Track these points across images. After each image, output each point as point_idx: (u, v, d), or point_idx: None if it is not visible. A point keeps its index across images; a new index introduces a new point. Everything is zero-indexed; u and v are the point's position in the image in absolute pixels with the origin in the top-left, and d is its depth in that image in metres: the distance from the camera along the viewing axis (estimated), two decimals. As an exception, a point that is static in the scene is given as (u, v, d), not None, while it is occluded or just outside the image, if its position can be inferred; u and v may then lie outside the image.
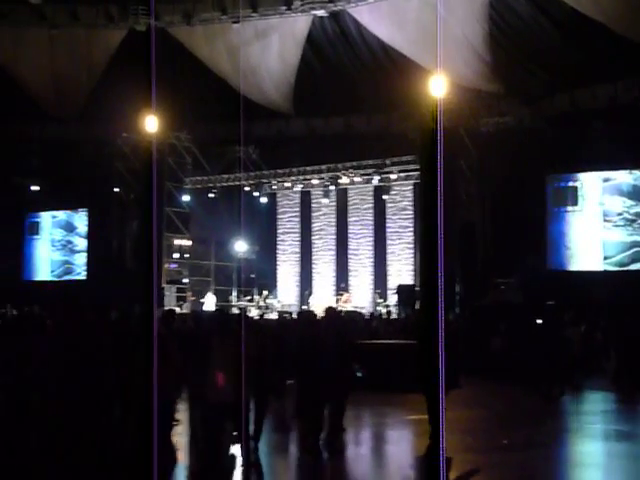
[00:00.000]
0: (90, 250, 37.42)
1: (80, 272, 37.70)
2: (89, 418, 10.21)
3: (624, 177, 28.35)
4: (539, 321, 22.07)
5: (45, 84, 32.72)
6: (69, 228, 38.87)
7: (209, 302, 35.36)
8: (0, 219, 35.67)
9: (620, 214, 28.15)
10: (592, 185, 28.90)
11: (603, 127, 27.59)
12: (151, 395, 6.69)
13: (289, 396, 13.24)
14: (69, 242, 38.80)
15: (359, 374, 13.85)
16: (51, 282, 37.74)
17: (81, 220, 38.23)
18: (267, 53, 31.27)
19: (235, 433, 10.43)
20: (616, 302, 24.12)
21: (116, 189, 36.34)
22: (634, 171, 28.06)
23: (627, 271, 27.39)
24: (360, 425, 15.22)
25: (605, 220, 28.42)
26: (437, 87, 13.25)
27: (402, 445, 14.30)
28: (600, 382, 21.57)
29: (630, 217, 27.99)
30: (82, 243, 38.05)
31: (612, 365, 22.30)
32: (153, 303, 6.42)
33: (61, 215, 39.12)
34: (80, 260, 37.84)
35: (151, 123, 16.98)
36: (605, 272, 27.88)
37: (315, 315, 16.28)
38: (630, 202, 28.06)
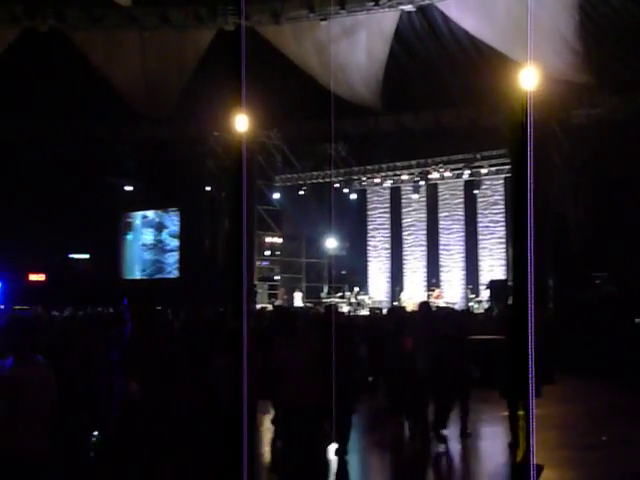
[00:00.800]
0: (182, 249, 38.03)
1: (171, 271, 38.32)
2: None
3: None
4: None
5: (137, 85, 33.32)
6: (160, 227, 39.59)
7: (297, 299, 35.63)
8: (96, 219, 36.43)
9: None
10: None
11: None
12: (241, 397, 6.82)
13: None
14: (160, 241, 39.52)
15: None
16: (146, 280, 38.43)
17: (171, 220, 38.92)
18: (355, 50, 31.28)
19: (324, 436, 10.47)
20: None
21: (208, 188, 36.81)
22: None
23: None
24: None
25: None
26: (527, 79, 13.06)
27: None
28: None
29: None
30: (172, 242, 38.75)
31: None
32: (243, 301, 6.48)
33: (151, 215, 39.87)
34: (171, 259, 38.50)
35: (241, 122, 17.12)
36: None
37: (405, 311, 16.25)
38: None
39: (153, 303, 9.79)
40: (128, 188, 38.58)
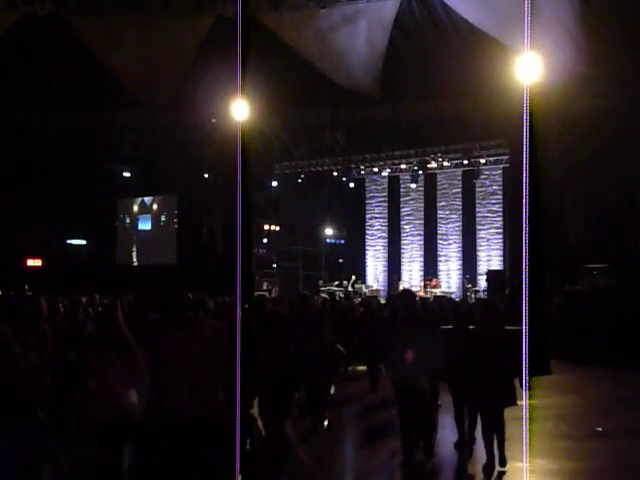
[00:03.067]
0: (180, 235, 38.00)
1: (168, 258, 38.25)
2: None
3: None
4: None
5: (136, 71, 33.19)
6: (156, 214, 39.58)
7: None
8: (93, 205, 36.39)
9: None
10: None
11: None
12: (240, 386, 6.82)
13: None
14: (156, 227, 39.50)
15: None
16: (142, 267, 38.39)
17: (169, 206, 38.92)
18: (355, 38, 31.16)
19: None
20: None
21: (206, 175, 36.78)
22: None
23: None
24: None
25: None
26: (526, 70, 12.99)
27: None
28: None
29: None
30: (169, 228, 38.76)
31: None
32: (239, 288, 6.48)
33: (148, 201, 39.82)
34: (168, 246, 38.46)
35: (239, 109, 17.08)
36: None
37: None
38: None
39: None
40: (126, 174, 38.54)
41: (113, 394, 7.56)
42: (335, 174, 37.76)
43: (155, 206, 39.84)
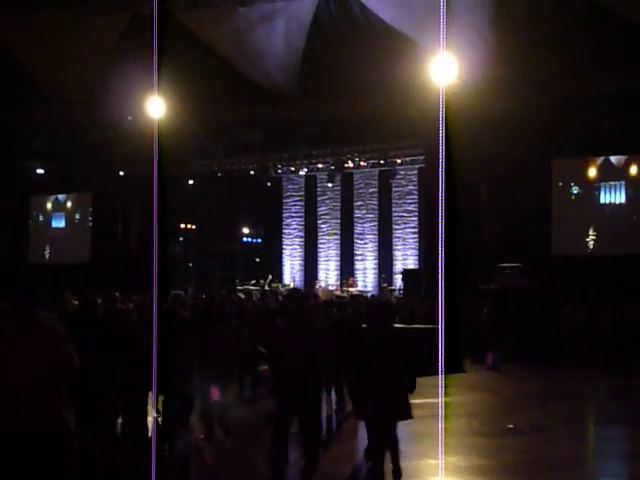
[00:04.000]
0: (94, 234, 37.50)
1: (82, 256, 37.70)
2: None
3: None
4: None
5: (51, 67, 32.66)
6: (70, 211, 39.00)
7: None
8: (5, 202, 35.70)
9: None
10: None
11: (609, 113, 27.64)
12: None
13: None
14: (70, 225, 38.93)
15: None
16: (56, 266, 37.76)
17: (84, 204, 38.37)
18: (273, 37, 31.14)
19: None
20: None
21: (121, 172, 36.37)
22: None
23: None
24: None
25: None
26: (441, 70, 13.22)
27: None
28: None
29: None
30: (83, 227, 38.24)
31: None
32: (154, 287, 6.42)
33: (63, 198, 39.20)
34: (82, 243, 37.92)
35: (155, 107, 16.97)
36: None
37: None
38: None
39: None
40: (39, 171, 37.89)
41: None
42: (252, 173, 37.70)
43: (69, 204, 39.23)
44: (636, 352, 21.22)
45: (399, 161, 34.56)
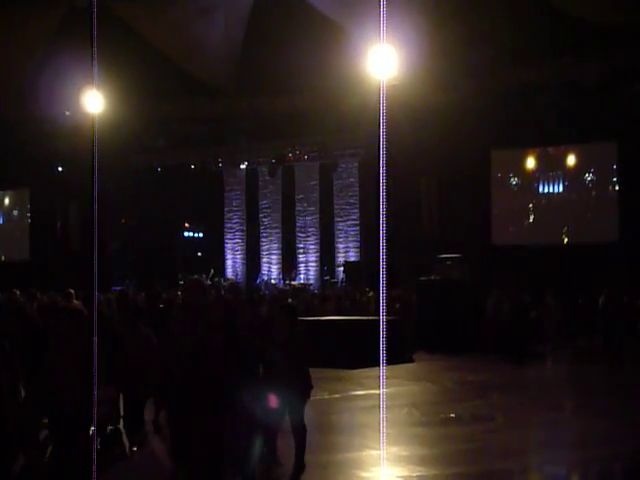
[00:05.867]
0: (33, 231, 37.05)
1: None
2: None
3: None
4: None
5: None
6: (7, 208, 38.52)
7: None
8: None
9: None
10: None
11: (548, 103, 27.98)
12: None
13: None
14: (8, 222, 38.47)
15: None
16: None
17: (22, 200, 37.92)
18: (211, 30, 30.99)
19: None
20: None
21: (60, 168, 35.94)
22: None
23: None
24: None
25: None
26: (380, 63, 13.21)
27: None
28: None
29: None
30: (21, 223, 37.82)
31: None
32: (94, 286, 6.37)
33: (1, 195, 38.71)
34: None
35: (93, 101, 16.76)
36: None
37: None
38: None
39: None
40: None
41: None
42: (193, 167, 37.50)
43: (7, 200, 38.72)
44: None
45: (340, 154, 34.65)
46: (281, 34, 30.01)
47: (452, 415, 13.63)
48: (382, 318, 4.93)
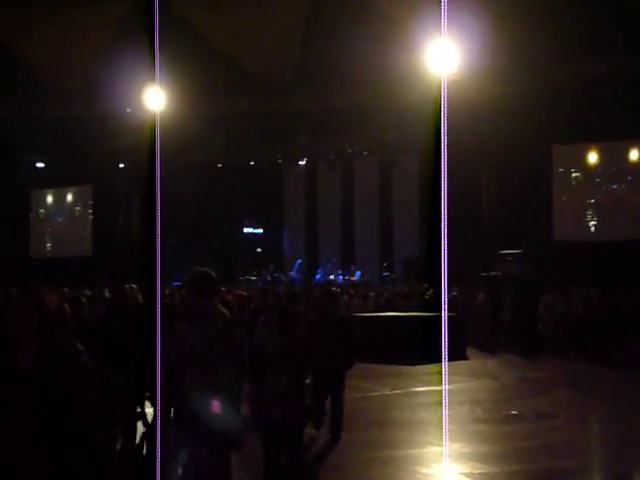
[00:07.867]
0: (95, 226, 37.53)
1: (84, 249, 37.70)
2: None
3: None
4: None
5: (49, 60, 32.62)
6: (70, 205, 39.04)
7: None
8: (5, 196, 35.71)
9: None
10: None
11: (611, 98, 27.58)
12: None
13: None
14: (71, 218, 38.97)
15: None
16: (59, 259, 37.73)
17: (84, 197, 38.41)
18: (270, 25, 31.05)
19: None
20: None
21: (121, 165, 36.33)
22: None
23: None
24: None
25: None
26: (441, 58, 13.18)
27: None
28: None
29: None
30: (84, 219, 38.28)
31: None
32: (157, 279, 6.40)
33: (63, 192, 39.23)
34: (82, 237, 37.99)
35: (155, 98, 16.93)
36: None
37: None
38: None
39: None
40: (39, 165, 37.87)
41: None
42: (252, 163, 37.63)
43: (70, 197, 39.25)
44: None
45: (399, 149, 34.50)
46: (340, 29, 29.99)
47: (514, 412, 13.52)
48: (444, 315, 4.89)
